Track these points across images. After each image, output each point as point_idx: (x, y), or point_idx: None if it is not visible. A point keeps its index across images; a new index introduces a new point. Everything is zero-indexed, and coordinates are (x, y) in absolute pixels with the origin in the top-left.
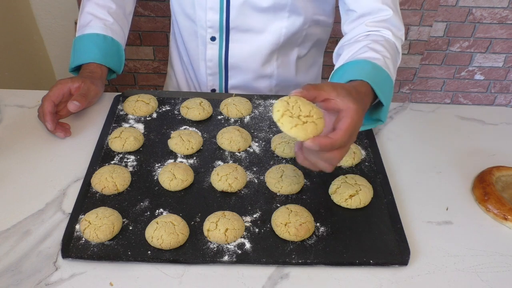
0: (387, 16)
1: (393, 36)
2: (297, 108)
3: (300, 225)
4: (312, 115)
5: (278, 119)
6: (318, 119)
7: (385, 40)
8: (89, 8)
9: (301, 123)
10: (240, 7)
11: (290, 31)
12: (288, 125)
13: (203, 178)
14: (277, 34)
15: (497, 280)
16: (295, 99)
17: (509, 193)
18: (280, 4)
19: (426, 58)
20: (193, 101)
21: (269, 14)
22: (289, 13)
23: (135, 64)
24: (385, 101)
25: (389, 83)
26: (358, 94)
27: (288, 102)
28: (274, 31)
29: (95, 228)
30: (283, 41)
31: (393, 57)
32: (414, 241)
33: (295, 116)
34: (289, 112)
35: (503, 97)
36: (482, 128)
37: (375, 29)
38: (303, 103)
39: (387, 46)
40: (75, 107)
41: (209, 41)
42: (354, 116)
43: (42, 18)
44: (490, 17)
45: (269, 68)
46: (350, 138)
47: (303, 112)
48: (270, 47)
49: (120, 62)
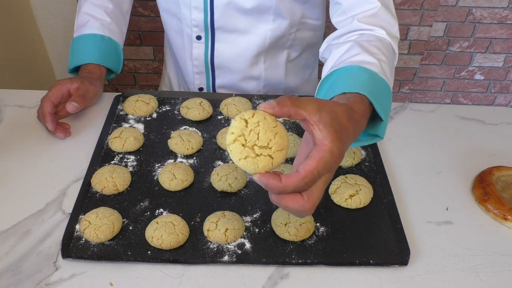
0: (375, 10)
1: (387, 35)
2: (254, 135)
3: (300, 225)
4: (271, 147)
5: (229, 144)
6: (277, 152)
7: (379, 40)
8: (86, 8)
9: (253, 156)
10: (223, 7)
11: (275, 34)
12: (237, 155)
13: (203, 178)
14: (262, 37)
15: (497, 280)
16: (257, 120)
17: (509, 193)
18: (264, 6)
19: (426, 58)
20: (193, 101)
21: (253, 16)
22: (274, 16)
23: (135, 64)
24: (384, 116)
25: (388, 94)
26: (348, 124)
27: (248, 122)
28: (259, 34)
29: (95, 228)
30: (269, 43)
31: (389, 60)
32: (414, 241)
33: (248, 146)
34: (243, 139)
35: (503, 97)
36: (482, 128)
37: (368, 27)
38: (264, 127)
39: (382, 48)
40: (74, 108)
41: (195, 39)
42: (324, 158)
43: (42, 18)
44: (490, 17)
45: (256, 70)
46: (307, 184)
47: (260, 142)
48: (255, 49)
49: (119, 62)
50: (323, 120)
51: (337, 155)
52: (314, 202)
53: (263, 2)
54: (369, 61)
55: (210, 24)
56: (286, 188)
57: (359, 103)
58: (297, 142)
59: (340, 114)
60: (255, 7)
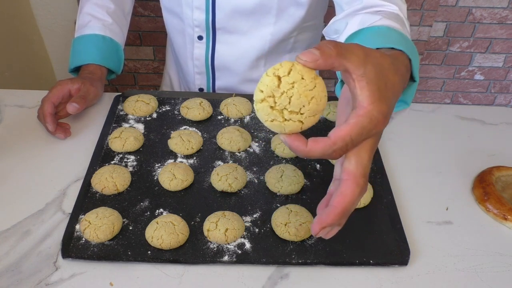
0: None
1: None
2: (286, 99)
3: (300, 225)
4: (303, 113)
5: (257, 102)
6: (309, 117)
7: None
8: (87, 8)
9: (281, 120)
10: (225, 8)
11: (276, 38)
12: (264, 117)
13: (203, 178)
14: (263, 40)
15: (497, 280)
16: (292, 81)
17: (509, 193)
18: (266, 7)
19: (426, 58)
20: (193, 101)
21: (254, 17)
22: (275, 19)
23: (135, 64)
24: (417, 77)
25: (417, 55)
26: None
27: (281, 81)
28: (260, 36)
29: (95, 228)
30: (270, 47)
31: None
32: (414, 241)
33: (277, 109)
34: (272, 100)
35: (503, 97)
36: (482, 128)
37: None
38: (299, 90)
39: (399, 21)
40: (74, 109)
41: (197, 40)
42: (360, 123)
43: (42, 18)
44: (490, 17)
45: (257, 73)
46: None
47: (292, 107)
48: (256, 52)
49: (120, 63)
50: (367, 75)
51: (378, 119)
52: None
53: (264, 3)
54: (394, 26)
55: (211, 25)
56: (311, 153)
57: (402, 59)
58: None
59: (386, 66)
60: (257, 8)
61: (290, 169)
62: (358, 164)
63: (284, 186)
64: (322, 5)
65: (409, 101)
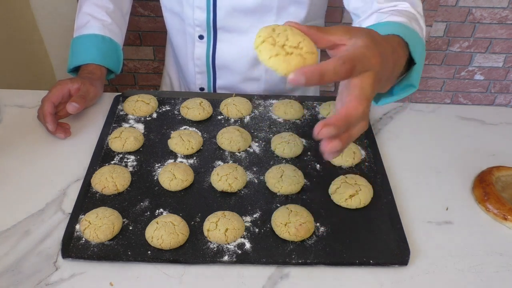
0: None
1: (412, 8)
2: (283, 37)
3: (300, 225)
4: (302, 47)
5: (257, 46)
6: (307, 53)
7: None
8: (86, 8)
9: (284, 54)
10: (226, 7)
11: None
12: (267, 54)
13: (203, 178)
14: None
15: (497, 280)
16: (284, 28)
17: (509, 193)
18: (267, 7)
19: (426, 58)
20: (193, 101)
21: (255, 16)
22: (276, 17)
23: (135, 64)
24: (418, 59)
25: (420, 41)
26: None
27: (275, 29)
28: None
29: (95, 228)
30: None
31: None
32: (414, 241)
33: (278, 45)
34: (272, 39)
35: (503, 97)
36: (482, 128)
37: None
38: (293, 33)
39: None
40: (74, 109)
41: (197, 39)
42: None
43: (42, 18)
44: (490, 17)
45: (257, 72)
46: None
47: (290, 42)
48: None
49: (119, 63)
50: (355, 36)
51: (374, 52)
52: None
53: (265, 1)
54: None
55: (212, 24)
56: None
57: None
58: (297, 142)
59: (374, 33)
60: (257, 7)
61: (290, 169)
62: (361, 90)
63: (284, 186)
64: (322, 5)
65: (416, 83)
